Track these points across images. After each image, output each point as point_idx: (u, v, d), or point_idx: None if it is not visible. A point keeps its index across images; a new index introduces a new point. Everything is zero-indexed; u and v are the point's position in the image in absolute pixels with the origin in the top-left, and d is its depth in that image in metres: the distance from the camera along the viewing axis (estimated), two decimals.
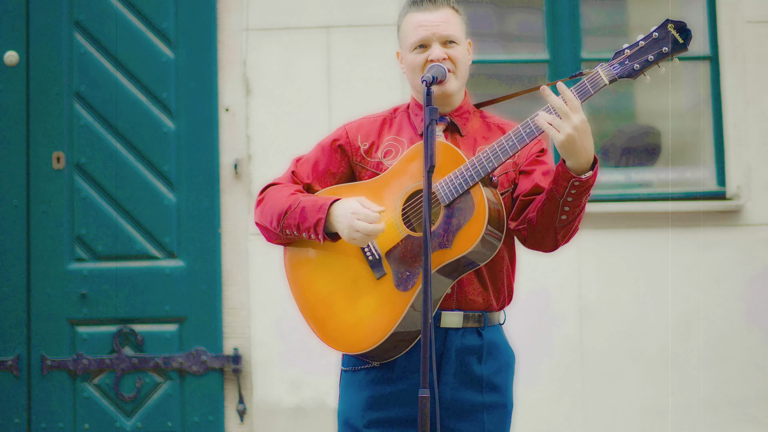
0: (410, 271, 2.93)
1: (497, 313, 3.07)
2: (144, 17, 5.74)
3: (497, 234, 2.91)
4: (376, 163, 3.09)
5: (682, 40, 2.83)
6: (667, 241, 5.71)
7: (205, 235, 5.68)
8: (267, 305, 5.60)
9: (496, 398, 3.04)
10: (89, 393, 5.66)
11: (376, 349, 2.96)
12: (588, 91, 2.82)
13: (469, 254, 2.87)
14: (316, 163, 3.14)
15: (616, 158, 5.99)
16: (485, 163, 2.86)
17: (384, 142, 3.11)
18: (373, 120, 3.16)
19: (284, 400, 5.61)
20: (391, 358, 3.00)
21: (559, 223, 2.90)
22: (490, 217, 2.85)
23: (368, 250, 2.99)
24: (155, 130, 5.72)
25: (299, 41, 5.72)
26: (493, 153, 2.86)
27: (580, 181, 2.82)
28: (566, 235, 2.95)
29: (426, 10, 3.03)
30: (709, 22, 5.85)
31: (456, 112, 3.08)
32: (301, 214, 3.01)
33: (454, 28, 3.03)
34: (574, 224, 2.93)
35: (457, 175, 2.89)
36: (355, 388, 3.06)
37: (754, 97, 5.74)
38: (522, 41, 6.10)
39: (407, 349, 2.98)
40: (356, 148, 3.12)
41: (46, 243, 5.67)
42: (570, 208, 2.87)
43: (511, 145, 2.86)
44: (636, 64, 2.83)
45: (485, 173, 2.86)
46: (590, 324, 5.66)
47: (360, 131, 3.13)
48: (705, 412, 5.63)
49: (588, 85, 2.83)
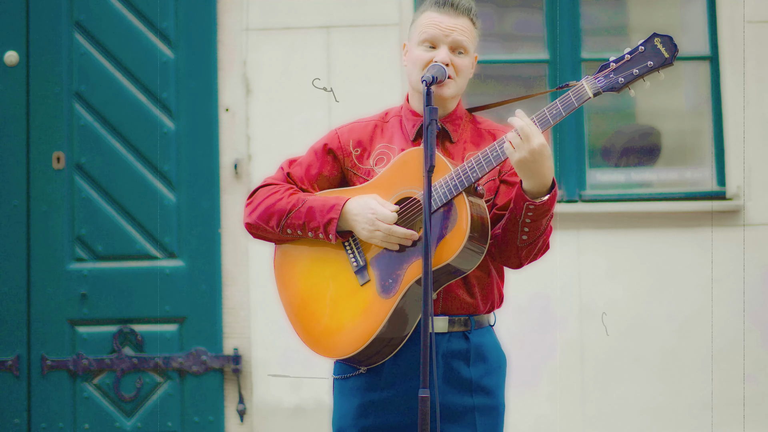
0: (393, 278, 2.94)
1: (485, 316, 3.07)
2: (144, 17, 5.74)
3: (481, 243, 2.90)
4: (368, 170, 3.08)
5: (668, 54, 2.82)
6: (667, 241, 5.71)
7: (205, 235, 5.68)
8: (267, 305, 5.60)
9: (486, 400, 3.03)
10: (89, 393, 5.66)
11: (358, 355, 2.97)
12: (572, 104, 2.83)
13: (452, 263, 2.87)
14: (309, 167, 3.14)
15: (616, 158, 5.99)
16: (469, 173, 2.87)
17: (375, 149, 3.10)
18: (365, 125, 3.14)
19: (284, 400, 5.61)
20: (376, 363, 3.00)
21: (520, 242, 2.92)
22: (472, 227, 2.85)
23: (352, 256, 3.00)
24: (155, 130, 5.72)
25: (299, 41, 5.72)
26: (477, 163, 2.87)
27: (535, 205, 2.84)
28: (530, 255, 2.96)
29: (446, 13, 3.04)
30: (709, 22, 5.85)
31: (448, 118, 3.08)
32: (308, 213, 3.01)
33: (467, 38, 3.03)
34: (537, 245, 2.94)
35: (441, 184, 2.89)
36: (346, 396, 3.06)
37: (754, 97, 5.74)
38: (522, 41, 6.10)
39: (391, 355, 2.98)
40: (348, 153, 3.11)
41: (46, 243, 5.67)
42: (530, 229, 2.88)
43: (495, 155, 2.87)
44: (621, 77, 2.83)
45: (469, 183, 2.87)
46: (590, 324, 5.66)
47: (352, 136, 3.12)
48: (705, 412, 5.63)
49: (572, 98, 2.83)
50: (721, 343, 5.66)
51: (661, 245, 5.70)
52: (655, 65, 2.82)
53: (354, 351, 2.96)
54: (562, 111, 2.83)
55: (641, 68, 2.82)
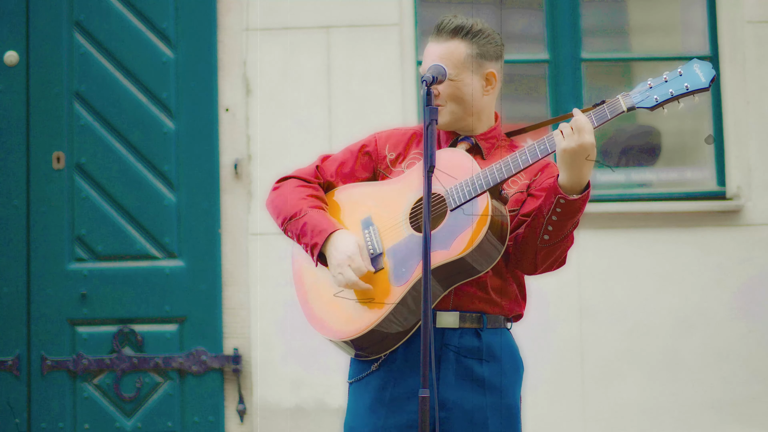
0: (406, 268, 2.95)
1: (500, 317, 3.07)
2: (144, 17, 5.75)
3: (498, 244, 2.92)
4: (399, 173, 3.13)
5: (704, 79, 2.85)
6: (667, 241, 5.71)
7: (205, 235, 5.68)
8: (267, 305, 5.60)
9: (499, 399, 3.04)
10: (89, 393, 5.66)
11: (360, 339, 2.98)
12: (605, 116, 2.88)
13: (466, 258, 2.88)
14: (342, 164, 3.20)
15: (616, 158, 5.99)
16: (496, 173, 2.90)
17: (410, 154, 3.15)
18: (404, 132, 3.20)
19: (284, 400, 5.61)
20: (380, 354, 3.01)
21: (540, 242, 2.92)
22: (492, 225, 2.88)
23: (370, 245, 3.03)
24: (155, 130, 5.73)
25: (299, 41, 5.72)
26: (505, 165, 2.91)
27: (566, 200, 2.85)
28: (547, 260, 2.97)
29: (435, 39, 3.09)
30: (709, 22, 5.85)
31: (482, 135, 3.11)
32: (303, 228, 3.06)
33: (450, 64, 3.03)
34: (557, 250, 2.95)
35: (467, 182, 2.93)
36: (359, 395, 3.08)
37: (754, 97, 5.74)
38: (522, 41, 6.10)
39: (396, 346, 3.00)
40: (383, 157, 3.17)
41: (46, 243, 5.67)
42: (554, 228, 2.90)
43: (524, 159, 2.90)
44: (656, 95, 2.87)
45: (495, 183, 2.90)
46: (590, 324, 5.66)
47: (389, 141, 3.19)
48: (705, 412, 5.64)
49: (606, 110, 2.88)
50: (721, 343, 5.66)
51: (661, 245, 5.70)
52: (690, 89, 2.85)
53: (357, 334, 2.97)
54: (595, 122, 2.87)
55: (677, 89, 2.86)
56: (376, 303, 2.97)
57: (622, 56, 6.09)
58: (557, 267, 3.04)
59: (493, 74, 3.10)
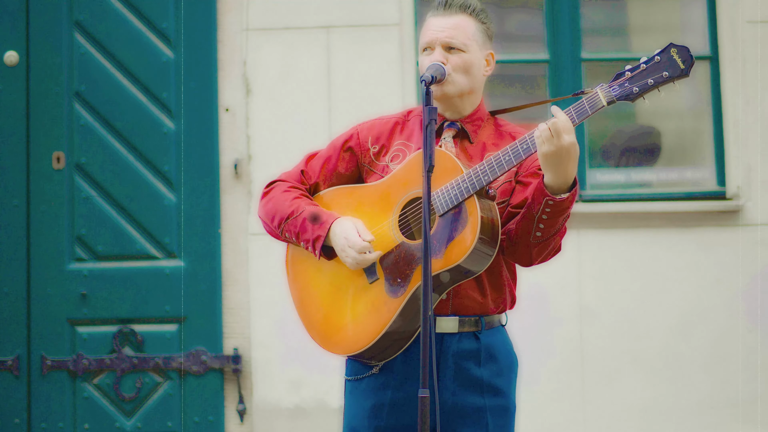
0: (401, 279, 2.95)
1: (496, 316, 3.07)
2: (144, 17, 5.75)
3: (491, 243, 2.91)
4: (383, 166, 3.11)
5: (684, 65, 2.82)
6: (667, 241, 5.71)
7: (205, 235, 5.68)
8: (267, 305, 5.60)
9: (498, 401, 3.04)
10: (89, 393, 5.66)
11: (366, 352, 2.99)
12: (585, 112, 2.83)
13: (462, 265, 2.87)
14: (326, 160, 3.17)
15: (616, 158, 5.99)
16: (481, 176, 2.87)
17: (393, 145, 3.12)
18: (386, 122, 3.17)
19: (284, 400, 5.61)
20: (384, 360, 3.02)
21: (533, 239, 2.91)
22: (482, 230, 2.86)
23: None
24: (155, 130, 5.73)
25: (299, 41, 5.72)
26: (489, 166, 2.88)
27: (554, 201, 2.83)
28: (542, 253, 2.95)
29: (439, 14, 3.06)
30: (709, 22, 5.85)
31: (468, 118, 3.09)
32: (302, 225, 3.05)
33: (462, 35, 3.03)
34: (550, 244, 2.94)
35: (453, 186, 2.90)
36: (359, 397, 3.07)
37: (754, 97, 5.74)
38: (522, 41, 6.10)
39: (399, 352, 3.00)
40: (366, 150, 3.14)
41: (46, 243, 5.67)
42: (545, 226, 2.88)
43: (508, 159, 2.87)
44: (635, 87, 2.83)
45: (480, 186, 2.87)
46: (590, 324, 5.66)
47: (371, 132, 3.15)
48: (705, 412, 5.63)
49: (586, 105, 2.83)
50: (720, 343, 5.66)
51: (661, 245, 5.70)
52: (670, 76, 2.83)
53: (362, 348, 2.98)
54: (576, 118, 2.82)
55: (656, 78, 2.83)
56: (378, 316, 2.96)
57: (622, 56, 6.09)
58: (553, 255, 3.02)
59: (492, 56, 3.11)
